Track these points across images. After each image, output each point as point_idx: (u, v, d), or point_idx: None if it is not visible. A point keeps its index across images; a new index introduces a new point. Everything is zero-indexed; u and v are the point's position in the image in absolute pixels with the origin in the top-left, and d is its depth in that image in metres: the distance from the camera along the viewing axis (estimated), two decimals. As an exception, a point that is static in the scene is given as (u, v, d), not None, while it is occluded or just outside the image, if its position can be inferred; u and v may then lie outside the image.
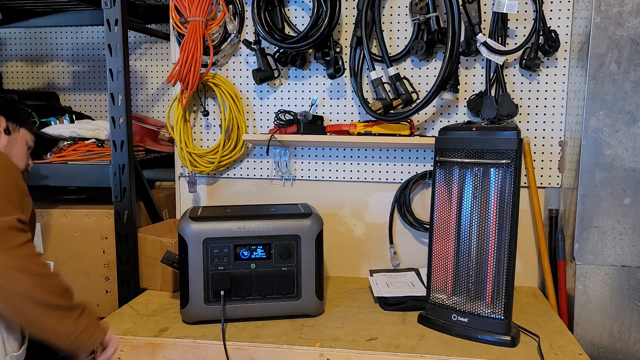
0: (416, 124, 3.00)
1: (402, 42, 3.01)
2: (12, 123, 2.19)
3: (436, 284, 2.50)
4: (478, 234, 2.37)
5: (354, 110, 3.09)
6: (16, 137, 2.19)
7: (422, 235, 3.09)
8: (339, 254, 3.19)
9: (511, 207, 2.28)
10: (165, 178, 3.49)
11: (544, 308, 2.72)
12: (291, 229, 2.51)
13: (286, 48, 2.93)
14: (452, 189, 2.44)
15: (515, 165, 2.26)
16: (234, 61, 3.18)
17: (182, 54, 2.96)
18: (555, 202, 2.95)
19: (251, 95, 3.19)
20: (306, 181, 3.19)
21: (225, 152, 3.14)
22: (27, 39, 4.08)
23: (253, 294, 2.52)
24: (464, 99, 2.97)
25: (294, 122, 3.00)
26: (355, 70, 2.98)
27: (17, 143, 2.20)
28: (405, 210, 3.06)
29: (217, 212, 2.63)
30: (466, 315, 2.38)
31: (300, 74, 3.12)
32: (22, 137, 2.23)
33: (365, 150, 3.11)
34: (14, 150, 2.19)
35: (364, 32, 2.87)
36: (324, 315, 2.62)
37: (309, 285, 2.54)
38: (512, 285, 2.29)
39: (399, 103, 2.86)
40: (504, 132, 2.30)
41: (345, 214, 3.18)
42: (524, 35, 2.88)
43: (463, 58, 2.94)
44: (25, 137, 2.25)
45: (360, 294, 2.90)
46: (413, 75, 3.01)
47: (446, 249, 2.46)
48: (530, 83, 2.91)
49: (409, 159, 3.07)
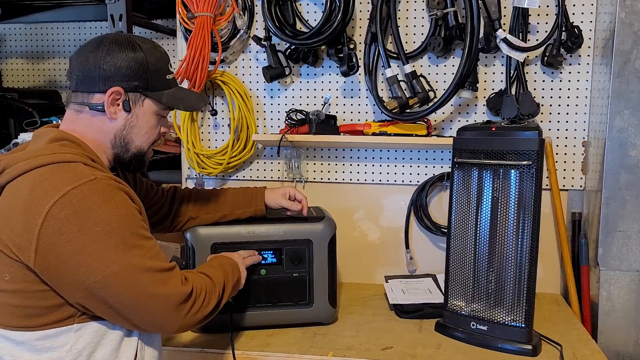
0: (433, 124, 3.01)
1: (418, 39, 3.03)
2: (136, 93, 1.89)
3: (454, 291, 2.51)
4: (498, 239, 2.38)
5: (369, 109, 3.11)
6: (138, 114, 1.91)
7: (440, 239, 3.10)
8: (353, 259, 3.20)
9: (532, 211, 2.28)
10: (172, 180, 3.48)
11: (566, 315, 2.72)
12: (303, 233, 2.51)
13: (298, 44, 2.96)
14: (470, 192, 2.45)
15: (537, 167, 2.26)
16: (243, 58, 3.20)
17: (189, 50, 2.98)
18: (578, 205, 2.97)
19: (261, 94, 3.21)
20: (318, 183, 3.21)
21: (234, 153, 3.15)
22: (28, 35, 4.11)
23: (263, 301, 2.53)
24: (483, 97, 2.98)
25: (306, 122, 3.02)
26: (369, 67, 2.99)
27: (138, 121, 1.92)
28: (422, 213, 3.08)
29: (226, 215, 2.64)
30: (485, 323, 2.39)
31: (313, 71, 3.15)
32: (146, 112, 1.93)
33: (380, 151, 3.13)
34: (134, 130, 1.92)
35: (379, 27, 2.88)
36: (337, 323, 2.63)
37: (321, 292, 2.54)
38: (533, 291, 2.30)
39: (415, 102, 2.87)
40: (525, 132, 2.31)
41: (359, 217, 3.19)
42: (545, 31, 2.88)
43: (482, 55, 2.94)
44: (153, 109, 1.94)
45: (375, 301, 2.91)
46: (430, 73, 3.02)
47: (464, 254, 2.47)
48: (552, 81, 2.93)
49: (426, 160, 3.09)
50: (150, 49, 1.91)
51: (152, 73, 1.89)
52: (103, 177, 1.69)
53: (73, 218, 1.60)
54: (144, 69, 1.87)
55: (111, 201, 1.66)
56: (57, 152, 1.72)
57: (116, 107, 1.86)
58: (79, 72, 1.86)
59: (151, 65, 1.89)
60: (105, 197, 1.65)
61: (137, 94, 1.88)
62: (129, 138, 1.91)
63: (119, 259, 1.64)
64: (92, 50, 1.84)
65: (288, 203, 2.56)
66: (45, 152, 1.72)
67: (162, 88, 1.93)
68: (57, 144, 1.77)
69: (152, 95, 1.91)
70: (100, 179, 1.67)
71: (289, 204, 2.56)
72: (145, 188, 2.42)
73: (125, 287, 1.66)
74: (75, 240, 1.60)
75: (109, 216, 1.64)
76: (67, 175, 1.65)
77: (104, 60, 1.83)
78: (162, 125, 2.00)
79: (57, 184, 1.62)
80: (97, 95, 1.84)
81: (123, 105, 1.86)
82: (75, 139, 1.83)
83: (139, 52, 1.86)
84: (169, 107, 1.98)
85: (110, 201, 1.66)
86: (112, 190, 1.69)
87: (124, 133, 1.90)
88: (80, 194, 1.62)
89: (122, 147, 1.91)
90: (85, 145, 1.84)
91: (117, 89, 1.83)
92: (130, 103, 1.87)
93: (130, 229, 1.69)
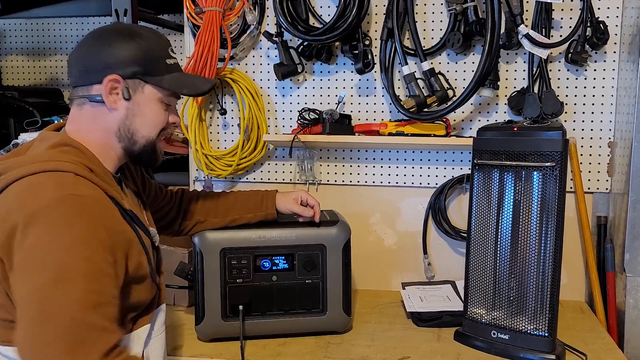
0: (452, 124, 3.02)
1: (437, 34, 3.04)
2: (135, 79, 1.88)
3: (474, 298, 2.52)
4: (520, 243, 2.39)
5: (385, 108, 3.12)
6: (139, 101, 1.89)
7: (459, 244, 3.11)
8: (368, 265, 3.20)
9: (556, 214, 2.29)
10: (179, 182, 3.47)
11: (591, 324, 2.73)
12: (316, 238, 2.52)
13: (311, 41, 2.97)
14: (491, 194, 2.46)
15: (561, 169, 2.27)
16: (253, 55, 3.21)
17: (197, 47, 2.99)
18: (603, 208, 2.97)
19: (272, 92, 3.22)
20: (332, 186, 3.22)
21: (244, 153, 3.16)
22: (29, 31, 4.13)
23: (274, 309, 2.53)
24: (504, 96, 2.99)
25: (319, 122, 3.03)
26: (386, 64, 3.01)
27: (140, 109, 1.90)
28: (440, 217, 3.09)
29: (235, 219, 2.65)
30: (507, 332, 2.40)
31: (326, 69, 3.16)
32: (148, 99, 1.91)
33: (397, 152, 3.14)
34: (137, 119, 1.90)
35: (396, 23, 2.88)
36: (352, 331, 2.64)
37: (335, 299, 2.55)
38: (556, 299, 2.31)
39: (433, 100, 2.88)
40: (548, 132, 2.32)
41: (375, 221, 3.20)
42: (569, 26, 2.88)
43: (503, 51, 2.95)
44: (155, 96, 1.92)
45: (391, 309, 2.91)
46: (449, 71, 3.03)
47: (485, 260, 2.48)
48: (576, 79, 2.93)
49: (445, 161, 3.10)
50: (148, 34, 1.92)
51: (151, 58, 1.89)
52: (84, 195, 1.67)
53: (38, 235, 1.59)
54: (142, 54, 1.87)
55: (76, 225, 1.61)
56: (53, 159, 1.73)
57: (115, 96, 1.86)
58: (78, 66, 1.88)
59: (149, 49, 1.89)
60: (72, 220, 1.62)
61: (136, 80, 1.87)
62: (134, 128, 1.90)
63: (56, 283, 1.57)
64: (90, 43, 1.87)
65: (299, 208, 2.55)
66: (41, 159, 1.73)
67: (163, 73, 1.92)
68: (56, 150, 1.79)
69: (152, 81, 1.90)
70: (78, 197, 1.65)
71: (300, 210, 2.55)
72: (154, 190, 2.43)
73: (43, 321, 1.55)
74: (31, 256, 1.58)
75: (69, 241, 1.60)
76: (50, 186, 1.65)
77: (101, 50, 1.84)
78: (170, 113, 1.99)
79: (36, 196, 1.63)
80: (96, 87, 1.85)
81: (122, 93, 1.86)
82: (78, 144, 1.83)
83: (136, 38, 1.87)
84: (172, 92, 1.96)
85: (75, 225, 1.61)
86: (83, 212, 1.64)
87: (127, 123, 1.89)
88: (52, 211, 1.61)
89: (129, 139, 1.91)
90: (88, 152, 1.84)
91: (114, 76, 1.83)
92: (130, 91, 1.87)
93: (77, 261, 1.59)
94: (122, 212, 1.83)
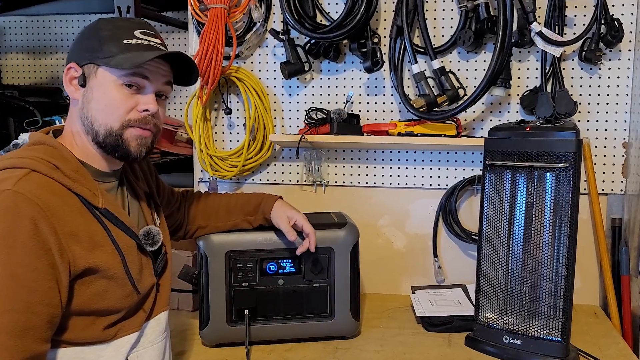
0: (463, 123, 3.02)
1: (447, 32, 3.04)
2: (89, 65, 1.82)
3: (486, 302, 2.52)
4: (532, 246, 2.39)
5: (394, 108, 3.13)
6: (92, 86, 1.82)
7: (470, 247, 3.11)
8: (377, 268, 3.21)
9: (569, 216, 2.30)
10: (183, 183, 3.46)
11: (606, 329, 2.73)
12: (324, 241, 2.51)
13: (318, 38, 2.96)
14: (503, 196, 2.47)
15: (574, 170, 2.27)
16: (259, 53, 3.22)
17: (201, 45, 2.99)
18: (618, 210, 2.97)
19: (279, 91, 3.23)
20: (340, 187, 3.22)
21: (250, 154, 3.17)
22: (29, 28, 4.15)
23: (281, 313, 2.54)
24: (516, 95, 2.99)
25: (327, 121, 3.04)
26: (395, 63, 3.01)
27: (94, 94, 1.83)
28: (451, 219, 3.09)
29: (241, 221, 2.65)
30: (519, 337, 2.40)
31: (334, 67, 3.16)
32: (102, 82, 1.82)
33: (407, 153, 3.14)
34: (92, 106, 1.83)
35: (405, 20, 2.88)
36: (361, 336, 2.64)
37: (343, 304, 2.55)
38: (570, 303, 2.31)
39: (444, 100, 2.88)
40: (562, 132, 2.32)
41: (384, 223, 3.21)
42: (583, 24, 2.88)
43: (516, 50, 2.95)
44: (110, 78, 1.82)
45: (400, 313, 2.91)
46: (460, 69, 3.04)
47: (497, 263, 2.48)
48: (590, 77, 2.93)
49: (455, 162, 3.11)
50: (112, 20, 1.88)
51: (105, 39, 1.81)
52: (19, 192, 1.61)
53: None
54: (97, 37, 1.81)
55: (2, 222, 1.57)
56: (15, 157, 1.72)
57: (75, 86, 1.83)
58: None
59: (105, 31, 1.82)
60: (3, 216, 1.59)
61: (90, 65, 1.81)
62: (91, 116, 1.82)
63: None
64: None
65: (287, 228, 2.44)
66: (7, 157, 1.73)
67: (118, 53, 1.80)
68: (27, 148, 1.78)
69: (102, 62, 1.80)
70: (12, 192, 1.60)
71: (287, 229, 2.43)
72: (167, 195, 2.43)
73: None
74: None
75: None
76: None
77: (73, 46, 1.87)
78: (139, 99, 1.86)
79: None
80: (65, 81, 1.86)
81: (78, 80, 1.82)
82: (54, 142, 1.81)
83: (95, 24, 1.85)
84: (116, 68, 1.79)
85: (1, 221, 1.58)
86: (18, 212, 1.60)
87: (84, 112, 1.83)
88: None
89: (90, 128, 1.83)
90: (63, 149, 1.81)
91: (71, 64, 1.82)
92: (85, 77, 1.82)
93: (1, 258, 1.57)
94: (91, 209, 1.78)
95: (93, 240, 1.76)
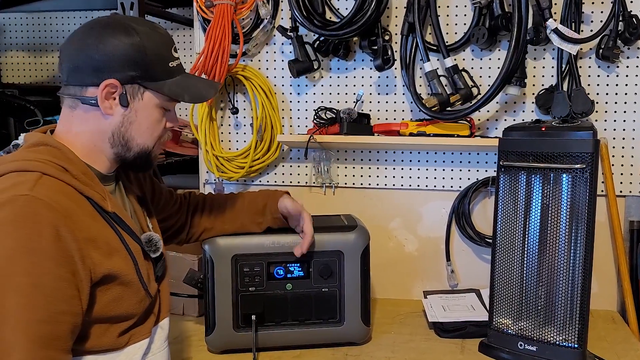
0: (477, 123, 3.02)
1: (460, 29, 3.04)
2: (134, 85, 1.83)
3: (500, 308, 2.51)
4: (548, 250, 2.39)
5: (405, 107, 3.13)
6: (137, 108, 1.86)
7: (484, 251, 3.10)
8: (388, 272, 3.20)
9: (586, 219, 2.30)
10: (188, 185, 3.47)
11: (624, 335, 2.72)
12: (333, 244, 2.52)
13: (327, 36, 2.97)
14: (518, 198, 2.47)
15: (591, 171, 2.27)
16: (267, 51, 3.23)
17: (207, 42, 3.00)
18: (636, 212, 2.96)
19: (287, 90, 3.24)
20: (350, 189, 3.22)
21: (257, 155, 3.17)
22: (30, 25, 4.16)
23: (289, 319, 2.53)
24: (531, 94, 2.98)
25: (337, 121, 3.04)
26: (406, 61, 3.01)
27: (138, 117, 1.86)
28: (464, 222, 3.09)
29: (248, 224, 2.64)
30: (534, 343, 2.39)
31: (344, 65, 3.17)
32: (147, 105, 1.87)
33: (419, 154, 3.14)
34: (134, 127, 1.87)
35: (417, 17, 2.88)
36: (371, 343, 2.64)
37: (353, 309, 2.55)
38: (587, 308, 2.31)
39: (457, 99, 2.88)
40: (578, 132, 2.33)
41: (395, 226, 3.21)
42: (600, 21, 2.86)
43: (531, 47, 2.93)
44: (154, 102, 1.88)
45: (412, 319, 2.91)
46: (473, 67, 3.03)
47: (511, 267, 2.48)
48: (608, 76, 2.92)
49: (469, 163, 3.11)
50: (148, 31, 1.85)
51: (151, 60, 1.83)
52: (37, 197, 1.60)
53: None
54: (141, 55, 1.81)
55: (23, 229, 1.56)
56: (21, 159, 1.70)
57: (112, 102, 1.81)
58: (69, 62, 1.82)
59: (150, 50, 1.82)
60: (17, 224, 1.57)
61: (135, 85, 1.82)
62: (129, 136, 1.86)
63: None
64: (83, 38, 1.81)
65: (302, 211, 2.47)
66: (11, 159, 1.71)
67: (165, 77, 1.87)
68: (29, 150, 1.75)
69: (152, 86, 1.84)
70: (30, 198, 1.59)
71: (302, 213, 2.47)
72: (164, 197, 2.41)
73: None
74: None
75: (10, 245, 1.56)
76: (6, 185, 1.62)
77: (96, 48, 1.78)
78: (167, 119, 1.95)
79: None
80: (91, 89, 1.80)
81: (119, 99, 1.81)
82: (57, 143, 1.79)
83: (134, 37, 1.80)
84: (173, 98, 1.91)
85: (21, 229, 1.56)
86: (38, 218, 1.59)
87: (122, 130, 1.85)
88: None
89: (123, 146, 1.87)
90: (67, 151, 1.79)
91: (112, 81, 1.78)
92: (128, 97, 1.82)
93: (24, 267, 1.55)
94: (101, 213, 1.79)
95: (110, 246, 1.77)
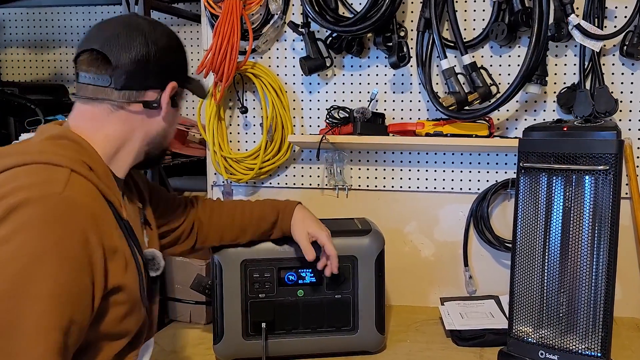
0: (496, 123, 3.02)
1: (479, 25, 3.04)
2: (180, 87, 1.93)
3: (520, 315, 2.51)
4: (570, 255, 2.39)
5: (421, 106, 3.13)
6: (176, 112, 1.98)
7: (503, 256, 3.11)
8: (404, 278, 3.21)
9: (609, 223, 2.29)
10: (196, 188, 3.50)
11: (649, 343, 2.73)
12: (346, 249, 2.52)
13: (340, 32, 2.98)
14: (539, 201, 2.47)
15: (615, 172, 2.26)
16: (277, 48, 3.24)
17: (215, 39, 3.02)
18: (663, 216, 2.98)
19: (298, 89, 3.25)
20: (364, 191, 3.23)
21: (267, 156, 3.18)
22: (30, 21, 4.17)
23: (300, 327, 2.55)
24: (553, 92, 2.98)
25: (350, 121, 3.05)
26: (422, 58, 3.01)
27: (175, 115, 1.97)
28: (482, 226, 3.09)
29: (258, 228, 2.64)
30: (556, 352, 2.39)
31: (357, 62, 3.17)
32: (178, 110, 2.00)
33: (435, 155, 3.15)
34: (172, 127, 2.00)
35: (434, 12, 2.89)
36: (386, 351, 2.65)
37: (367, 316, 2.56)
38: (610, 315, 2.31)
39: (475, 98, 2.89)
40: (602, 132, 2.32)
41: (410, 230, 3.22)
42: (624, 16, 2.85)
43: (552, 44, 2.94)
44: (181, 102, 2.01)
45: (428, 327, 2.92)
46: (492, 65, 3.03)
47: (532, 273, 2.48)
48: (632, 74, 2.91)
49: (488, 164, 3.11)
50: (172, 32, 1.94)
51: (185, 61, 1.96)
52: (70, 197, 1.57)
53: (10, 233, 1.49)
54: (183, 57, 1.94)
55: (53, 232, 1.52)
56: (47, 151, 1.66)
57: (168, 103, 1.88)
58: (130, 65, 1.77)
59: (182, 49, 1.94)
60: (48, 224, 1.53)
61: (180, 88, 1.91)
62: (168, 135, 1.97)
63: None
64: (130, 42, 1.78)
65: (307, 246, 2.42)
66: (33, 150, 1.67)
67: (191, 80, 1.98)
68: (52, 142, 1.72)
69: (189, 87, 1.96)
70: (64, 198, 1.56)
71: (306, 248, 2.42)
72: (163, 202, 2.33)
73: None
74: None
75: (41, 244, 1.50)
76: (37, 179, 1.57)
77: (154, 52, 1.80)
78: None
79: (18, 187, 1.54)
80: (150, 92, 1.83)
81: (172, 101, 1.88)
82: (78, 138, 1.76)
83: (177, 39, 1.92)
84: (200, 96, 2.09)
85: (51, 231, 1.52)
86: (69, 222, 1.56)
87: (166, 130, 1.93)
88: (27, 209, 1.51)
89: (158, 145, 1.94)
90: (90, 149, 1.77)
91: (174, 84, 1.86)
92: (177, 98, 1.91)
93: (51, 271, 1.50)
94: (118, 221, 1.77)
95: (125, 259, 1.75)
